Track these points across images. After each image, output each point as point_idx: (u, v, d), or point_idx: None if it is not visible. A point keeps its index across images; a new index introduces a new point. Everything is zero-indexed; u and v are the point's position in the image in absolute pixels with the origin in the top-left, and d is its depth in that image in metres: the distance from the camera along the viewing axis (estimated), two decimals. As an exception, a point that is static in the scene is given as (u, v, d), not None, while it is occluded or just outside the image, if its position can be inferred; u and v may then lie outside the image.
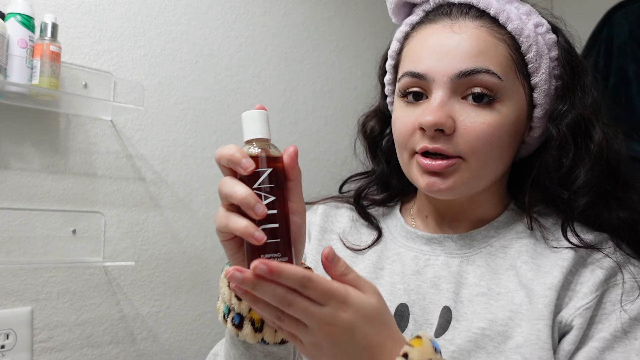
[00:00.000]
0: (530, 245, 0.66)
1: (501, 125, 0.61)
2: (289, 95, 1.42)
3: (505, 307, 0.62)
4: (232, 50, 1.32)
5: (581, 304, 0.60)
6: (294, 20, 1.44)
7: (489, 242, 0.68)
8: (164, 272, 1.18)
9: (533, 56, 0.63)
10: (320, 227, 0.77)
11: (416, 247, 0.70)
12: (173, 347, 1.19)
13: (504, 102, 0.61)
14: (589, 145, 0.64)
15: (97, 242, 1.09)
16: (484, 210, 0.70)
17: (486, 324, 0.61)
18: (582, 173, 0.63)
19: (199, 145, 1.26)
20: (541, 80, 0.63)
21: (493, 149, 0.61)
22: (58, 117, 1.05)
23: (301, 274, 0.43)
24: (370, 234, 0.75)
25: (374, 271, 0.71)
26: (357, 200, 0.78)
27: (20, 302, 0.99)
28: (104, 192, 1.10)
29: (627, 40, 1.55)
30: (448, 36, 0.62)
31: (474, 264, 0.66)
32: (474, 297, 0.64)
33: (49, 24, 0.96)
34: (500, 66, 0.61)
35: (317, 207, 0.81)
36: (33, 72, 0.94)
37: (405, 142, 0.64)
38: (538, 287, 0.61)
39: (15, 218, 0.99)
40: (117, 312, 1.11)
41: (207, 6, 1.28)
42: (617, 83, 1.54)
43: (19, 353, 0.97)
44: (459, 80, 0.60)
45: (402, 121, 0.65)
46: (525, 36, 0.62)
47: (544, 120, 0.66)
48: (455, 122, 0.60)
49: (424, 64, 0.62)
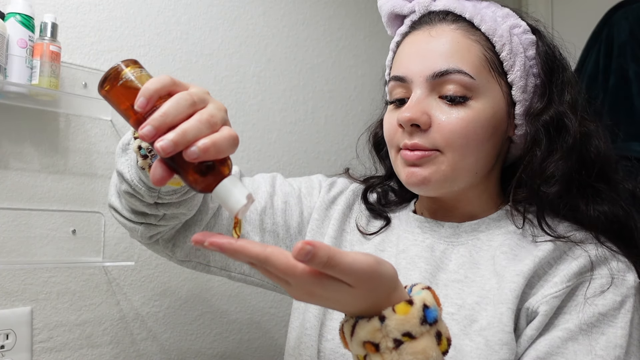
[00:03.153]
0: (515, 239, 0.68)
1: (476, 120, 0.65)
2: (289, 95, 1.42)
3: (475, 293, 0.64)
4: (232, 50, 1.32)
5: (549, 292, 0.61)
6: (294, 20, 1.44)
7: (477, 236, 0.70)
8: (164, 272, 1.18)
9: (507, 54, 0.67)
10: (346, 203, 0.82)
11: (410, 230, 0.75)
12: (173, 347, 1.19)
13: (478, 99, 0.65)
14: (564, 138, 0.67)
15: (96, 242, 1.09)
16: (475, 208, 0.72)
17: (455, 309, 0.64)
18: (552, 162, 0.66)
19: (199, 145, 1.25)
20: (516, 77, 0.67)
21: (469, 142, 0.65)
22: (58, 117, 1.05)
23: (255, 253, 0.42)
24: (380, 223, 0.80)
25: (375, 251, 0.75)
26: (365, 193, 0.82)
27: (20, 302, 0.99)
28: (104, 192, 1.10)
29: (627, 40, 1.55)
30: (426, 41, 0.68)
31: (458, 253, 0.69)
32: (449, 282, 0.67)
33: (48, 24, 0.96)
34: (473, 66, 0.65)
35: (352, 183, 0.87)
36: (33, 72, 0.94)
37: (391, 140, 0.70)
38: (508, 273, 0.64)
39: (15, 218, 0.99)
40: (117, 312, 1.11)
41: (207, 6, 1.28)
42: (617, 83, 1.54)
43: (19, 353, 0.97)
44: (434, 80, 0.66)
45: (387, 121, 0.71)
46: (498, 36, 0.67)
47: (525, 117, 0.68)
48: (431, 118, 0.65)
49: (404, 67, 0.68)
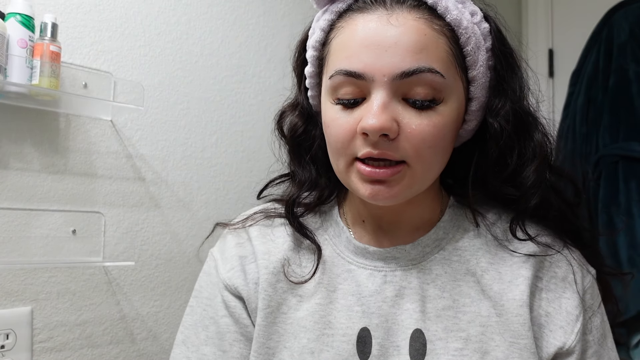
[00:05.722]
0: (483, 246, 0.65)
1: (445, 125, 0.57)
2: (289, 95, 1.42)
3: (475, 322, 0.61)
4: (232, 50, 1.32)
5: (577, 328, 0.61)
6: (294, 20, 1.44)
7: (440, 244, 0.65)
8: (164, 272, 1.18)
9: (472, 49, 0.58)
10: (269, 269, 0.66)
11: (369, 264, 0.65)
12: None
13: (446, 101, 0.57)
14: (529, 141, 0.62)
15: (97, 242, 1.09)
16: (423, 210, 0.67)
17: (461, 343, 0.60)
18: (530, 173, 0.61)
19: (199, 145, 1.26)
20: (479, 73, 0.59)
21: (438, 151, 0.58)
22: (58, 117, 1.05)
23: None
24: (311, 254, 0.67)
25: (327, 295, 0.64)
26: (292, 212, 0.68)
27: (20, 302, 0.99)
28: (104, 192, 1.10)
29: (627, 40, 1.55)
30: (385, 29, 0.55)
31: (432, 273, 0.63)
32: (440, 311, 0.61)
33: (48, 24, 0.96)
34: (442, 62, 0.56)
35: (247, 232, 0.70)
36: (33, 72, 0.94)
37: (343, 148, 0.58)
38: (508, 303, 0.61)
39: (15, 218, 0.99)
40: (117, 312, 1.11)
41: (207, 6, 1.28)
42: (617, 83, 1.54)
43: (19, 353, 0.97)
44: (401, 81, 0.55)
45: (338, 124, 0.58)
46: (463, 27, 0.57)
47: (479, 113, 0.62)
48: (399, 125, 0.55)
49: (360, 60, 0.55)
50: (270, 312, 0.64)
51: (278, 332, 0.64)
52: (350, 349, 0.61)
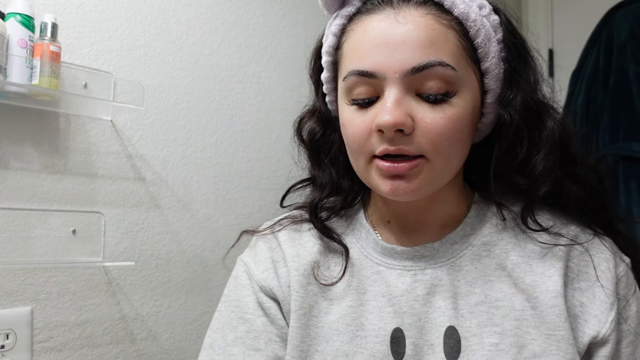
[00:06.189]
0: (512, 239, 0.65)
1: (461, 118, 0.57)
2: (289, 95, 1.42)
3: (509, 316, 0.61)
4: (232, 50, 1.32)
5: (612, 317, 0.60)
6: (294, 20, 1.44)
7: (469, 241, 0.65)
8: (164, 272, 1.18)
9: (482, 41, 0.59)
10: (299, 270, 0.66)
11: (398, 264, 0.65)
12: (173, 347, 1.19)
13: (460, 94, 0.57)
14: (541, 130, 0.62)
15: (97, 242, 1.09)
16: (449, 207, 0.67)
17: (497, 338, 0.60)
18: (539, 161, 0.61)
19: (199, 145, 1.26)
20: (492, 64, 0.60)
21: (455, 144, 0.58)
22: (58, 117, 1.05)
23: None
24: (339, 257, 0.68)
25: (358, 298, 0.64)
26: (316, 215, 0.69)
27: (20, 302, 0.99)
28: (104, 192, 1.10)
29: (627, 40, 1.55)
30: (393, 27, 0.56)
31: (462, 270, 0.63)
32: (473, 307, 0.62)
33: (48, 24, 0.96)
34: (453, 55, 0.56)
35: (276, 237, 0.71)
36: (33, 72, 0.94)
37: (361, 146, 0.59)
38: (541, 295, 0.61)
39: (15, 218, 0.99)
40: (117, 312, 1.11)
41: (207, 6, 1.28)
42: (617, 83, 1.54)
43: (19, 353, 0.97)
44: (412, 76, 0.55)
45: (354, 124, 0.59)
46: (472, 20, 0.58)
47: (495, 105, 0.63)
48: (414, 120, 0.56)
49: (371, 60, 0.57)
50: (303, 314, 0.65)
51: (310, 335, 0.64)
52: (385, 350, 0.61)
